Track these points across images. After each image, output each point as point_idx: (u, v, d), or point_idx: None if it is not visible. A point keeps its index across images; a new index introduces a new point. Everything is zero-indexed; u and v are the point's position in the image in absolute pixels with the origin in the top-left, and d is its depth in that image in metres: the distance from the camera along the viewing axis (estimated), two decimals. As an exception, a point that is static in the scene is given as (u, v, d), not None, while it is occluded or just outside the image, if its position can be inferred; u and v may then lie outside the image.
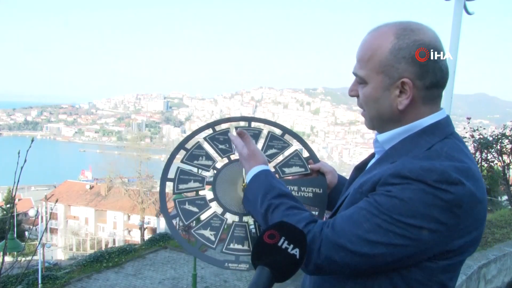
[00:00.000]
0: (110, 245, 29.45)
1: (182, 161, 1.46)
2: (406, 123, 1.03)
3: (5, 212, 23.13)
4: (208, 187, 1.46)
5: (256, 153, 1.27)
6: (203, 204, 1.39)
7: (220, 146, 1.49)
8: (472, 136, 7.46)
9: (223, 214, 1.39)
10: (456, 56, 3.39)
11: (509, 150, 7.64)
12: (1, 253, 2.52)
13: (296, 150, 1.52)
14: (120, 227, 37.26)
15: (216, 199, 1.41)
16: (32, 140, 2.34)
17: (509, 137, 7.52)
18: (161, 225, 33.62)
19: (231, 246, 1.34)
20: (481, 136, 7.55)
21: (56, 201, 4.60)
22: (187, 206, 1.38)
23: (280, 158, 1.51)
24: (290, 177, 1.49)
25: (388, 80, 1.00)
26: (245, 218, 1.39)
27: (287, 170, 1.49)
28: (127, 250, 15.87)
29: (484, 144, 7.40)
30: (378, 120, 1.07)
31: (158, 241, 16.97)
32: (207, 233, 1.35)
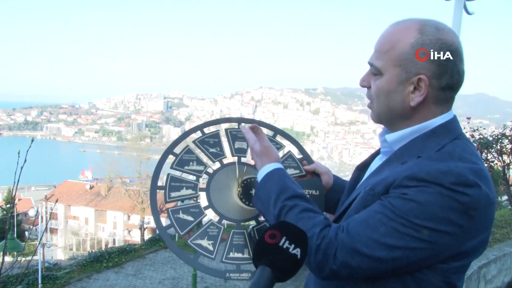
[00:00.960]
0: (110, 245, 29.39)
1: (172, 167, 1.37)
2: (415, 121, 1.02)
3: (5, 212, 23.11)
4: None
5: (269, 149, 1.19)
6: (198, 212, 1.31)
7: (211, 150, 1.40)
8: (472, 136, 7.46)
9: (219, 221, 1.32)
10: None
11: (509, 150, 7.64)
12: (1, 253, 2.50)
13: (290, 151, 1.46)
14: (120, 227, 37.22)
15: (211, 206, 1.33)
16: (32, 140, 2.32)
17: (509, 137, 7.53)
18: (161, 225, 33.50)
19: (231, 255, 1.29)
20: (481, 136, 7.56)
21: (56, 201, 4.62)
22: (181, 215, 1.30)
23: None
24: None
25: (404, 75, 0.99)
26: (242, 224, 1.33)
27: None
28: (127, 250, 15.89)
29: (484, 144, 7.41)
30: (387, 115, 1.05)
31: (158, 241, 16.95)
32: (205, 242, 1.28)
